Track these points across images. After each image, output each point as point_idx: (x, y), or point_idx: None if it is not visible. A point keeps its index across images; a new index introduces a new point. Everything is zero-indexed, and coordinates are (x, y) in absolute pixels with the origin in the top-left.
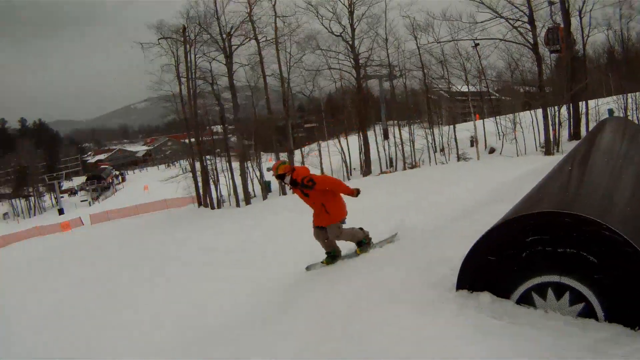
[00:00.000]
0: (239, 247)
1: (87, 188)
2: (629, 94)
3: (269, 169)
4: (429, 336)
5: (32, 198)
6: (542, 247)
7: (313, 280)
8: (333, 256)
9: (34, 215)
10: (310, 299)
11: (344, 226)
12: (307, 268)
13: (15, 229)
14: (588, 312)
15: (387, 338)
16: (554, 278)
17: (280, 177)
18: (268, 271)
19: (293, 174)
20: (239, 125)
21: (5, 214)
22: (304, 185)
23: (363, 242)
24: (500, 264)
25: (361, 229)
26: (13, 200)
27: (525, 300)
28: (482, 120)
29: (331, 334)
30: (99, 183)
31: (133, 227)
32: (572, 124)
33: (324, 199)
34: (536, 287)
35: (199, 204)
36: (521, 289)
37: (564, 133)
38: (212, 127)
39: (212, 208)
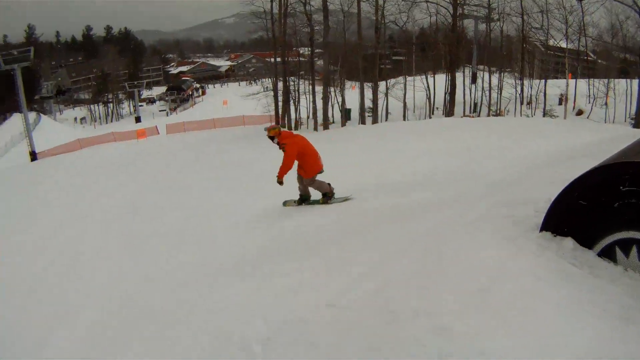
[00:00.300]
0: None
1: (167, 98)
2: None
3: (265, 129)
4: (508, 271)
5: (111, 105)
6: (637, 199)
7: (399, 207)
8: (304, 199)
9: (111, 121)
10: (395, 225)
11: (318, 177)
12: (284, 203)
13: (91, 134)
14: None
15: (465, 263)
16: None
17: (271, 138)
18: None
19: (279, 137)
20: (327, 49)
21: (83, 119)
22: (280, 147)
23: (327, 195)
24: (589, 211)
25: (329, 184)
26: (91, 106)
27: (607, 254)
28: (574, 80)
29: (409, 250)
30: (179, 94)
31: (208, 139)
32: None
33: (298, 159)
34: (621, 242)
35: (276, 123)
36: (605, 241)
37: None
38: (299, 48)
39: (289, 129)
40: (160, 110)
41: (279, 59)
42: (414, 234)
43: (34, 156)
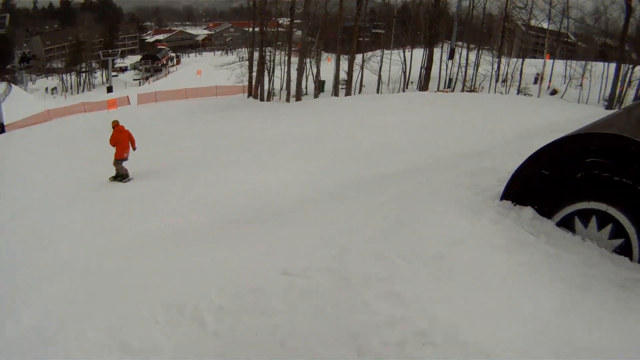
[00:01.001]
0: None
1: (140, 67)
2: None
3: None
4: (465, 238)
5: (83, 74)
6: (600, 171)
7: (364, 179)
8: (118, 176)
9: (83, 91)
10: (363, 192)
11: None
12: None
13: (62, 104)
14: (625, 250)
15: (423, 230)
16: (602, 206)
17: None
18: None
19: (113, 129)
20: (307, 19)
21: (54, 89)
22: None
23: (121, 175)
24: (551, 181)
25: (126, 169)
26: (64, 76)
27: (566, 224)
28: (552, 60)
29: (370, 218)
30: (153, 63)
31: (179, 110)
32: None
33: (114, 146)
34: (581, 212)
35: (249, 94)
36: (565, 211)
37: (631, 92)
38: (279, 18)
39: (262, 100)
40: (134, 80)
41: (257, 29)
42: (377, 203)
43: (1, 128)
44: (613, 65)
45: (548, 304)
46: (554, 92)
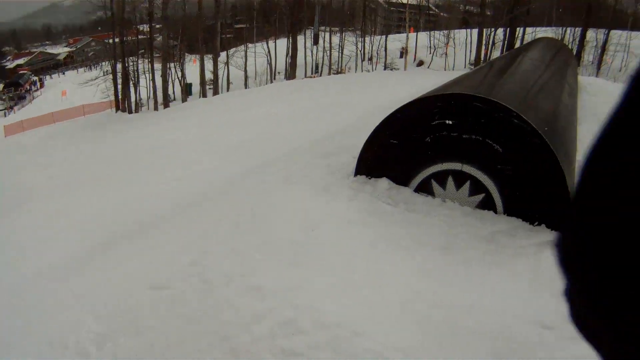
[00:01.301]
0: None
1: (3, 97)
2: (568, 28)
3: None
4: (321, 220)
5: None
6: (448, 132)
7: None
8: None
9: None
10: (221, 192)
11: None
12: None
13: None
14: (487, 204)
15: (278, 219)
16: (456, 166)
17: None
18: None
19: None
20: (167, 23)
21: None
22: None
23: None
24: (402, 149)
25: None
26: None
27: (424, 188)
28: (415, 33)
29: (226, 216)
30: (16, 91)
31: (48, 136)
32: (505, 46)
33: None
34: (436, 175)
35: (117, 109)
36: (421, 176)
37: (496, 54)
38: (140, 25)
39: (130, 112)
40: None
41: (117, 39)
42: (235, 199)
43: None
44: (476, 31)
45: (411, 270)
46: (420, 63)
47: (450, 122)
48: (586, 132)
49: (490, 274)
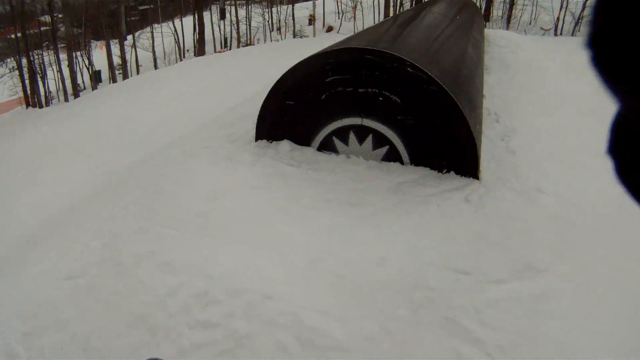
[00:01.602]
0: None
1: None
2: None
3: None
4: (224, 188)
5: None
6: (343, 87)
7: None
8: None
9: None
10: (128, 177)
11: None
12: None
13: None
14: (393, 156)
15: (183, 192)
16: (356, 121)
17: None
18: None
19: None
20: (68, 10)
21: None
22: None
23: None
24: (299, 109)
25: None
26: None
27: (327, 146)
28: (322, 0)
29: (133, 195)
30: None
31: None
32: (413, 6)
33: None
34: (337, 132)
35: (27, 105)
36: (322, 134)
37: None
38: (42, 17)
39: (41, 107)
40: None
41: (19, 34)
42: (139, 180)
43: None
44: None
45: (320, 229)
46: (329, 29)
47: (344, 77)
48: (495, 82)
49: (400, 224)
